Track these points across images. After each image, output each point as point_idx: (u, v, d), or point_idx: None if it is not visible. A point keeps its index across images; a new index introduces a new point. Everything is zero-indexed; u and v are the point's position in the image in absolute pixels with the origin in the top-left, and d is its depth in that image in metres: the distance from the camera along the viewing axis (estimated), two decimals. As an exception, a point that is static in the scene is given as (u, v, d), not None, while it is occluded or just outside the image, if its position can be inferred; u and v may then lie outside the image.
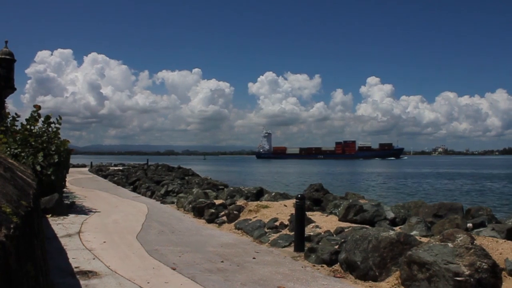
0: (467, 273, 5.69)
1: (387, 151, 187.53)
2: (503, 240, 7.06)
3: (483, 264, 5.80)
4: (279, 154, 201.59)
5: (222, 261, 7.85)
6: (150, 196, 19.82)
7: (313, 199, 13.62)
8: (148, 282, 6.37)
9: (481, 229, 8.95)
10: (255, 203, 13.10)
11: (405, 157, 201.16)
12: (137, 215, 13.49)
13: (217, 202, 14.21)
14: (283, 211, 11.61)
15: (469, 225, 9.35)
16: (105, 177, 33.77)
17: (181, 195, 16.98)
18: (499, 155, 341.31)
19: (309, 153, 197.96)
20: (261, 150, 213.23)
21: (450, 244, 6.18)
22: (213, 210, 12.89)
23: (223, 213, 12.68)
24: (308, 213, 10.80)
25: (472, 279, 5.65)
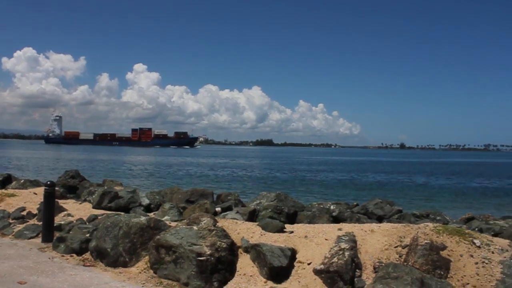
0: (208, 252, 6.22)
1: (183, 140, 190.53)
2: (242, 221, 7.89)
3: (223, 243, 6.42)
4: (71, 139, 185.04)
5: (-50, 260, 6.93)
6: None
7: (67, 186, 13.04)
8: None
9: (227, 212, 9.85)
10: (0, 191, 11.85)
11: (199, 146, 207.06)
12: None
13: (-48, 191, 12.40)
14: (33, 199, 10.81)
15: (218, 209, 10.19)
16: None
17: None
18: (253, 145, 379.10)
19: (104, 139, 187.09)
20: (50, 135, 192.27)
21: (195, 227, 6.66)
22: None
23: (-43, 204, 11.13)
24: (61, 201, 10.32)
25: (212, 258, 6.20)
